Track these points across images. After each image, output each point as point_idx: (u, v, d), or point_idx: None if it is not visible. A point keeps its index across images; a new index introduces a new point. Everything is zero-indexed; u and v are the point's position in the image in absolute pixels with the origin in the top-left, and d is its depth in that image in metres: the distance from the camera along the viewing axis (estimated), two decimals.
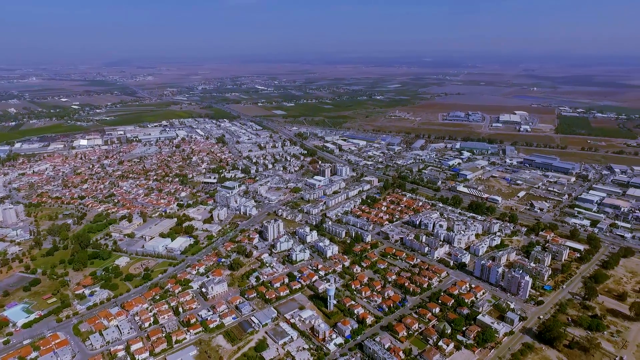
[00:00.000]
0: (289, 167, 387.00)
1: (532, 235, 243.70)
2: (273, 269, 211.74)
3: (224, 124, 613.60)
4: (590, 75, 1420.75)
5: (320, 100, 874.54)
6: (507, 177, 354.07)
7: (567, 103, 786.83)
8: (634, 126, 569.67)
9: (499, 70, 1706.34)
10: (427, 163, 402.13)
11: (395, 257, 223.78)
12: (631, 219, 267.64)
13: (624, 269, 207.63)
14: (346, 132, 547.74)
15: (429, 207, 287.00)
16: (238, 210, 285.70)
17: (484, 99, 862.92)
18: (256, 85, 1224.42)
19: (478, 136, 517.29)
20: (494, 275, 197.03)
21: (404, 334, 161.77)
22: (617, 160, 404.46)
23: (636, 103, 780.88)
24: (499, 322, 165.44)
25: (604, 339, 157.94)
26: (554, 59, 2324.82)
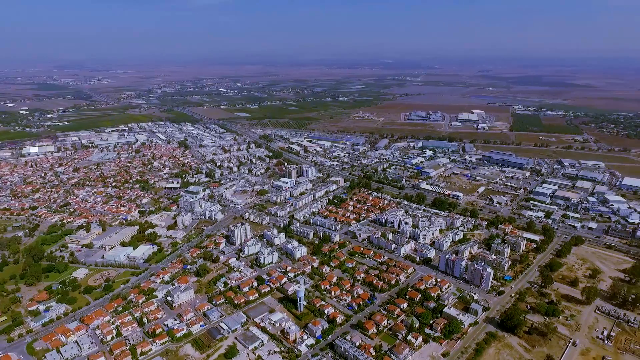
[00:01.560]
0: (254, 170, 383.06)
1: (492, 228, 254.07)
2: (241, 274, 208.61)
3: (186, 128, 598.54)
4: (540, 75, 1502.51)
5: (284, 102, 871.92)
6: (467, 174, 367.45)
7: (520, 102, 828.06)
8: (580, 123, 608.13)
9: (456, 71, 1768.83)
10: (391, 162, 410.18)
11: (363, 255, 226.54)
12: (580, 209, 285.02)
13: (576, 257, 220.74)
14: (311, 134, 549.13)
15: (395, 205, 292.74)
16: (203, 215, 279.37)
17: (443, 99, 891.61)
18: (219, 87, 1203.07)
19: (439, 135, 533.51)
20: (457, 269, 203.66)
21: (374, 331, 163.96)
22: (566, 154, 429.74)
23: (581, 101, 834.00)
24: (464, 314, 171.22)
25: (560, 323, 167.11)
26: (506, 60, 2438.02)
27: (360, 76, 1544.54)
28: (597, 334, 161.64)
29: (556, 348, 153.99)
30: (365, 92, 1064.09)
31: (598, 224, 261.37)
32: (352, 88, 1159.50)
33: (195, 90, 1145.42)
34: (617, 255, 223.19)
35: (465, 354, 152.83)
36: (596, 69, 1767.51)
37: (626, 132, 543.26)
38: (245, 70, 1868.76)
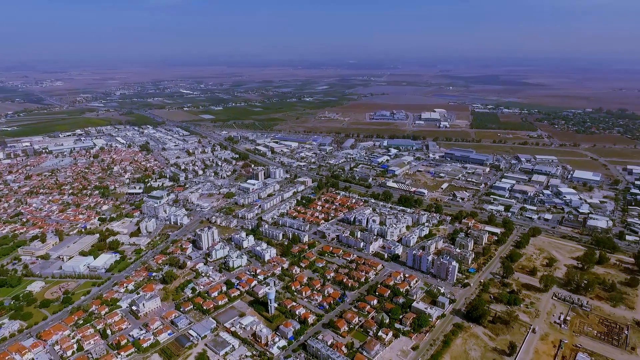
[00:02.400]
0: (220, 172, 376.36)
1: (456, 223, 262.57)
2: (209, 278, 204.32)
3: (147, 131, 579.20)
4: (496, 75, 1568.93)
5: (249, 103, 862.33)
6: (431, 171, 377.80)
7: (478, 100, 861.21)
8: (534, 120, 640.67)
9: (418, 71, 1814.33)
10: (357, 161, 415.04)
11: (333, 254, 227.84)
12: (536, 202, 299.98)
13: (534, 247, 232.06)
14: (278, 135, 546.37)
15: (362, 204, 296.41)
16: (168, 220, 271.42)
17: (406, 99, 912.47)
18: (181, 89, 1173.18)
19: (403, 133, 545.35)
20: (424, 264, 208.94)
21: (345, 329, 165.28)
22: (522, 150, 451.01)
23: (534, 99, 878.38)
24: (431, 307, 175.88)
25: (521, 311, 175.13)
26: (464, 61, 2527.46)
27: (325, 76, 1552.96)
28: (554, 319, 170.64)
29: (518, 335, 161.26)
30: (331, 92, 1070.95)
31: (553, 215, 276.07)
32: (317, 88, 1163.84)
33: (156, 92, 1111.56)
34: (571, 244, 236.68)
35: (434, 346, 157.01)
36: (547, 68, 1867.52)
37: (575, 128, 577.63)
38: (208, 72, 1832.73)
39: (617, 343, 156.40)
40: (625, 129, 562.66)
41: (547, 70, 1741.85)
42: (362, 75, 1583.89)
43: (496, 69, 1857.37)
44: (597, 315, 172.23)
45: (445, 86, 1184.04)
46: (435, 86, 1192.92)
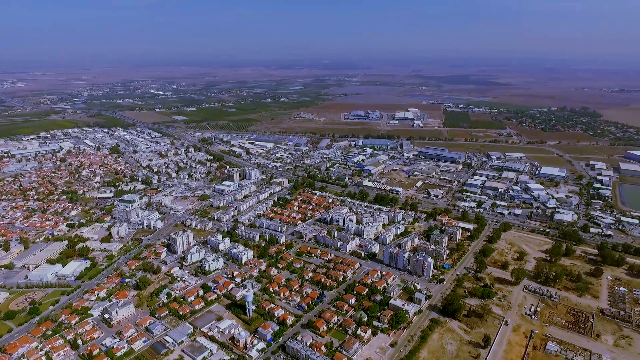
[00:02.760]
0: (194, 175, 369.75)
1: (431, 220, 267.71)
2: (185, 283, 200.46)
3: (117, 133, 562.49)
4: (467, 75, 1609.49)
5: (223, 104, 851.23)
6: (405, 169, 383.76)
7: (450, 100, 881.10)
8: (503, 118, 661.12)
9: (392, 71, 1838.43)
10: (333, 161, 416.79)
11: (311, 254, 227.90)
12: (507, 198, 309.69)
13: (505, 242, 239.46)
14: (253, 135, 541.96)
15: (339, 203, 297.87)
16: (141, 225, 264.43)
17: (380, 98, 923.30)
18: (152, 90, 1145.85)
19: (378, 133, 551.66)
20: (401, 261, 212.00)
21: (324, 329, 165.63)
22: (492, 148, 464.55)
23: (503, 98, 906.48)
24: (408, 304, 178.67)
25: (494, 304, 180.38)
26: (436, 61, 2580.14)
27: (299, 77, 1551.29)
28: (525, 310, 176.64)
29: (492, 327, 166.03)
30: (305, 92, 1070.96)
31: (522, 210, 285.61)
32: (292, 89, 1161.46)
33: (126, 93, 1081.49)
34: (539, 237, 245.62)
35: (411, 341, 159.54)
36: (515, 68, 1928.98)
37: (542, 126, 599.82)
38: (180, 72, 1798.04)
39: (583, 331, 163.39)
40: (588, 126, 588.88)
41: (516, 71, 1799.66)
42: (337, 76, 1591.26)
43: (467, 69, 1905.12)
44: (565, 305, 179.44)
45: (418, 86, 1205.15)
46: (409, 86, 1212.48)
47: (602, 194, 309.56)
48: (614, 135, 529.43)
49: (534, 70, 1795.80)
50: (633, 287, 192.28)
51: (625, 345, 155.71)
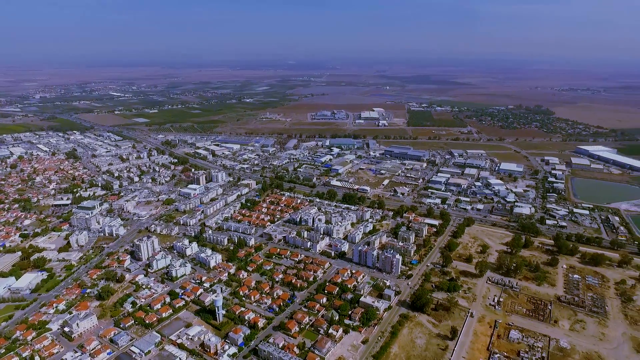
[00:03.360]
0: (158, 178, 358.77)
1: (398, 217, 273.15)
2: (151, 290, 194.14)
3: (74, 137, 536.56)
4: (429, 75, 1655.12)
5: (187, 106, 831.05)
6: (372, 168, 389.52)
7: (413, 99, 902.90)
8: (464, 117, 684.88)
9: (356, 71, 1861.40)
10: (301, 161, 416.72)
11: (280, 256, 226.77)
12: (469, 193, 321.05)
13: (468, 236, 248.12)
14: (218, 137, 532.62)
15: (308, 204, 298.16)
16: (102, 232, 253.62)
17: (346, 98, 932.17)
18: (110, 91, 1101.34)
19: (344, 133, 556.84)
20: (370, 259, 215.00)
21: (296, 330, 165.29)
22: (455, 145, 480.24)
23: (463, 97, 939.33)
24: (379, 300, 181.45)
25: (460, 296, 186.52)
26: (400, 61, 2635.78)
27: (264, 77, 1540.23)
28: (489, 301, 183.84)
29: (458, 319, 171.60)
30: (271, 93, 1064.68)
31: (484, 205, 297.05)
32: (257, 89, 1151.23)
33: (82, 94, 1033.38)
34: (501, 230, 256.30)
35: (382, 337, 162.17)
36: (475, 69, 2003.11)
37: (500, 123, 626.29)
38: (141, 73, 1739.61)
39: (542, 318, 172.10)
40: (542, 123, 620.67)
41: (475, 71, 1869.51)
42: (302, 76, 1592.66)
43: (429, 69, 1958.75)
44: (526, 295, 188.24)
45: (382, 86, 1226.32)
46: (373, 86, 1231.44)
47: (556, 188, 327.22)
48: (565, 132, 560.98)
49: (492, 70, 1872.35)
50: (585, 274, 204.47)
51: (580, 329, 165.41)
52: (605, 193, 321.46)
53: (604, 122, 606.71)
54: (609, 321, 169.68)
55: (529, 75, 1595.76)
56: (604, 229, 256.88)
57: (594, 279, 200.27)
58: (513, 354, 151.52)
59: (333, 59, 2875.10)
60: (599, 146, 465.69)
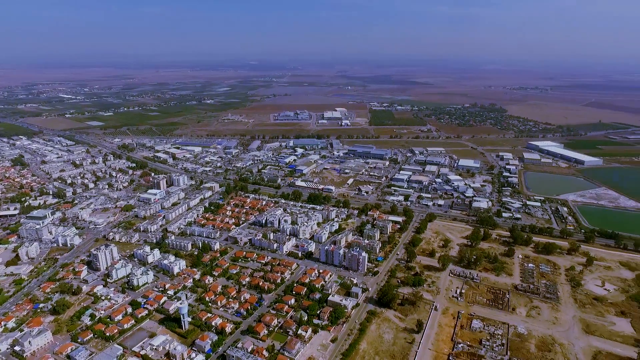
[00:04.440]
0: (115, 184, 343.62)
1: (363, 215, 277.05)
2: (111, 301, 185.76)
3: (20, 142, 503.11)
4: (389, 75, 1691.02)
5: (144, 108, 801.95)
6: (336, 168, 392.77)
7: (375, 99, 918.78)
8: (424, 115, 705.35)
9: (318, 72, 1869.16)
10: (265, 163, 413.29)
11: (247, 259, 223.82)
12: (430, 190, 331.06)
13: (431, 231, 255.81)
14: (179, 140, 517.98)
15: (273, 205, 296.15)
16: (55, 243, 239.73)
17: (309, 99, 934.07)
18: (60, 93, 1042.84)
19: (308, 133, 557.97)
20: (337, 258, 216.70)
21: (265, 333, 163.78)
22: (415, 143, 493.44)
23: (422, 97, 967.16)
24: (346, 298, 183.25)
25: (425, 290, 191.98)
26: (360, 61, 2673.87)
27: (225, 78, 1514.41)
28: (452, 293, 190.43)
29: (424, 312, 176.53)
30: (232, 94, 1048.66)
31: (445, 200, 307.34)
32: (218, 90, 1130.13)
33: (28, 97, 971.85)
34: (461, 225, 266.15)
35: (351, 335, 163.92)
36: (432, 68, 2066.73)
37: (457, 121, 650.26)
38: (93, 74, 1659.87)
39: (501, 306, 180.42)
40: (496, 121, 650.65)
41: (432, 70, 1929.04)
42: (264, 77, 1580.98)
43: (388, 70, 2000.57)
44: (486, 285, 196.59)
45: (343, 86, 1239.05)
46: (335, 86, 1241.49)
47: (510, 182, 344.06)
48: (517, 129, 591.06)
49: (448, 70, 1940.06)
50: (539, 262, 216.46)
51: (535, 314, 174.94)
52: (554, 185, 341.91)
53: (552, 119, 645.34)
54: (561, 306, 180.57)
55: (481, 75, 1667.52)
56: (554, 219, 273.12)
57: (546, 266, 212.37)
58: (475, 342, 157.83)
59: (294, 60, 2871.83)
60: (548, 141, 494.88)
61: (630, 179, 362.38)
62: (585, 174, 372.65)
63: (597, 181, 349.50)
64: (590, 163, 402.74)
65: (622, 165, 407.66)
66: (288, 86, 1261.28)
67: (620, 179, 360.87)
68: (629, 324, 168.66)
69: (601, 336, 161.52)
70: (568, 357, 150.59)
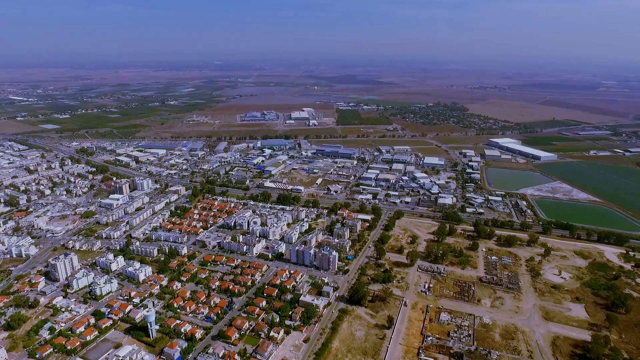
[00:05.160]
0: (74, 190, 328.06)
1: (332, 215, 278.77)
2: (72, 313, 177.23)
3: None
4: (355, 75, 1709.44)
5: (104, 110, 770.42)
6: (305, 168, 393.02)
7: (341, 99, 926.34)
8: (389, 114, 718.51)
9: (284, 72, 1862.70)
10: (233, 164, 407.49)
11: (216, 263, 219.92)
12: (398, 187, 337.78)
13: (399, 228, 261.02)
14: (141, 142, 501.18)
15: (242, 207, 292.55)
16: (8, 254, 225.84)
17: (275, 99, 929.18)
18: (10, 95, 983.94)
19: (275, 133, 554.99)
20: (307, 258, 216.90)
21: (236, 337, 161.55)
22: (382, 142, 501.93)
23: (388, 96, 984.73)
24: (318, 298, 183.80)
25: (394, 286, 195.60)
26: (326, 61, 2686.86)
27: (189, 78, 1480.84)
28: (420, 288, 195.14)
29: (394, 308, 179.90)
30: (197, 94, 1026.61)
31: (412, 198, 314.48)
32: (182, 91, 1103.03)
33: None
34: (427, 221, 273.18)
35: (323, 334, 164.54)
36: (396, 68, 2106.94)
37: (422, 120, 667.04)
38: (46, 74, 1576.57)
39: (467, 299, 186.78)
40: (458, 119, 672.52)
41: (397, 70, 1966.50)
42: (229, 77, 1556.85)
43: (354, 69, 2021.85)
44: (452, 279, 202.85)
45: (310, 86, 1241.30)
46: (302, 86, 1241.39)
47: (473, 178, 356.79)
48: (478, 126, 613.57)
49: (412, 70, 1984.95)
50: (501, 255, 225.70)
51: (499, 305, 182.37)
52: (513, 180, 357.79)
53: (510, 117, 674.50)
54: (522, 295, 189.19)
55: (444, 75, 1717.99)
56: (514, 212, 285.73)
57: (508, 258, 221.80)
58: (444, 335, 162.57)
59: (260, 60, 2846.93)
60: (507, 138, 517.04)
61: (581, 173, 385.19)
62: (541, 169, 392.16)
63: (553, 175, 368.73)
64: (545, 158, 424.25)
65: (574, 160, 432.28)
66: (254, 86, 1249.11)
67: (573, 173, 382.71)
68: (583, 309, 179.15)
69: (559, 322, 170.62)
70: (529, 344, 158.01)
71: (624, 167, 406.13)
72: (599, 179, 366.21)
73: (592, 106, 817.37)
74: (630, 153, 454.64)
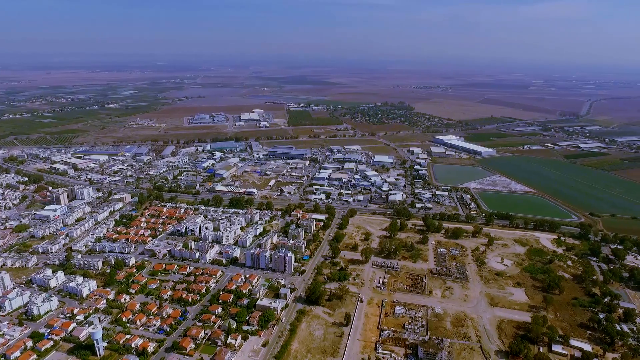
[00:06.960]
0: (3, 202, 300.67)
1: (287, 216, 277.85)
2: (5, 337, 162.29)
3: None
4: (304, 75, 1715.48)
5: (35, 114, 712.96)
6: (257, 170, 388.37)
7: (291, 99, 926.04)
8: (340, 114, 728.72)
9: (232, 72, 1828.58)
10: (181, 169, 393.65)
11: (167, 272, 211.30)
12: (350, 186, 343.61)
13: (353, 226, 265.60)
14: (80, 148, 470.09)
15: (193, 212, 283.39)
16: None
17: (224, 100, 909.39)
18: None
19: (225, 136, 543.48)
20: (263, 261, 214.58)
21: (192, 347, 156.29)
22: (333, 142, 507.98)
23: (337, 97, 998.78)
24: (275, 301, 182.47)
25: (350, 284, 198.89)
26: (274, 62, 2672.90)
27: (131, 80, 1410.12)
28: (375, 284, 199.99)
29: (351, 305, 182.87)
30: (140, 97, 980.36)
31: (364, 196, 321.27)
32: (123, 93, 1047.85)
33: None
34: (379, 218, 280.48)
35: (282, 337, 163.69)
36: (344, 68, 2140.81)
37: (371, 119, 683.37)
38: None
39: (420, 291, 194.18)
40: (405, 118, 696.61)
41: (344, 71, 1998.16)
42: (174, 78, 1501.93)
43: (303, 70, 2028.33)
44: (405, 272, 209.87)
45: (260, 87, 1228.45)
46: (251, 87, 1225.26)
47: (421, 174, 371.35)
48: (424, 125, 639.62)
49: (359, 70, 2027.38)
50: (450, 247, 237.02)
51: (449, 294, 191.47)
52: (458, 175, 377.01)
53: (453, 115, 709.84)
54: (470, 284, 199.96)
55: (389, 75, 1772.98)
56: (459, 206, 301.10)
57: (456, 249, 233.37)
58: (399, 327, 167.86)
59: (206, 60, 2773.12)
60: (451, 135, 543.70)
61: (518, 166, 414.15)
62: (482, 163, 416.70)
63: (493, 169, 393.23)
64: (486, 154, 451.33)
65: (511, 154, 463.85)
66: (201, 88, 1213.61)
67: (510, 166, 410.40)
68: (523, 293, 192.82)
69: (503, 306, 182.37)
70: (478, 329, 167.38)
71: (554, 160, 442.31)
72: (533, 171, 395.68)
73: (525, 104, 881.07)
74: (558, 147, 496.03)
